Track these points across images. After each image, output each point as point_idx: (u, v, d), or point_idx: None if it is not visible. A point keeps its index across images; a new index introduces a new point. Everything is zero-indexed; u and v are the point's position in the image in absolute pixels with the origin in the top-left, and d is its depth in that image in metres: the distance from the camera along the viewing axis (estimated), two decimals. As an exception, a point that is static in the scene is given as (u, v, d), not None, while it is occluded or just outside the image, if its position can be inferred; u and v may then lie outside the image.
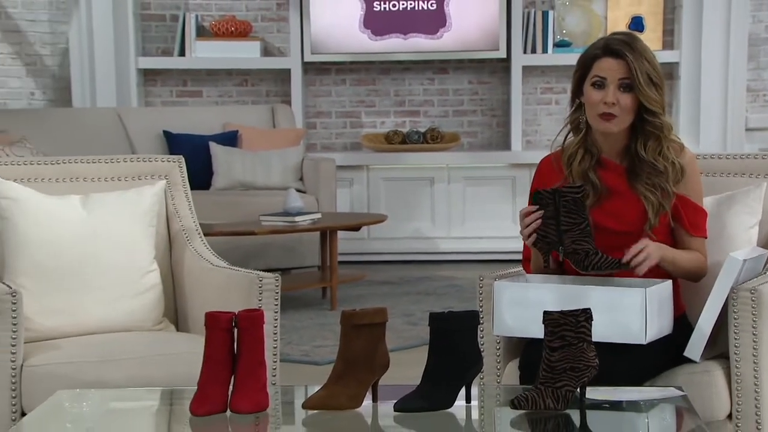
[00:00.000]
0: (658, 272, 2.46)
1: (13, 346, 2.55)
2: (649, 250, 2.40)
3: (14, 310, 2.55)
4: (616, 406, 2.16)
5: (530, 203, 2.45)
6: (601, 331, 2.27)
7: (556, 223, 2.41)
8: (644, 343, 2.34)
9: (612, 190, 2.51)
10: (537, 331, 2.19)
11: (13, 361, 2.55)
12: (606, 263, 2.39)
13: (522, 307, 2.40)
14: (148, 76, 7.06)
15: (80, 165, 3.02)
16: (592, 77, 2.48)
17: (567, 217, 2.39)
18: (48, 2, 6.84)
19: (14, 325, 2.55)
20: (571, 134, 2.58)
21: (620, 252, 2.44)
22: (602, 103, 2.46)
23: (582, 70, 2.51)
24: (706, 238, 2.54)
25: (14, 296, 2.57)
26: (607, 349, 2.27)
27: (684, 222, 2.51)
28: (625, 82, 2.45)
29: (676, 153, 2.51)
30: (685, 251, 2.51)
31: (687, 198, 2.51)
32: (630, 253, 2.40)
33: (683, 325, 2.51)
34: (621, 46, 2.46)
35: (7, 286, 2.62)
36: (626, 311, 2.33)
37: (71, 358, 2.60)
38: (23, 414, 2.54)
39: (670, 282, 2.45)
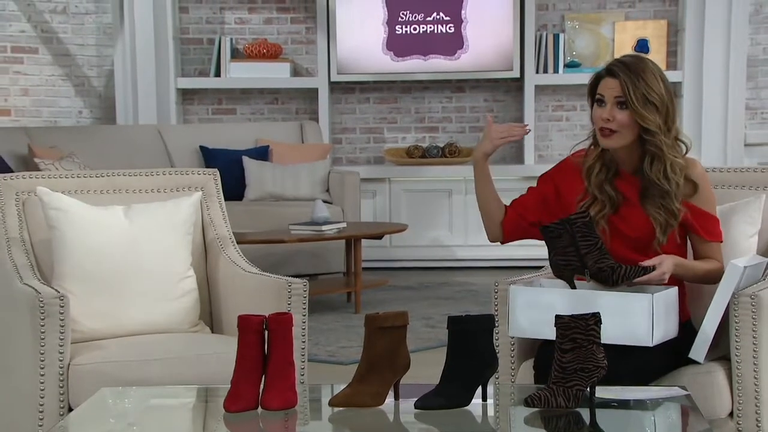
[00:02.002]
0: (672, 280, 2.45)
1: (61, 346, 2.55)
2: (664, 268, 2.40)
3: (62, 313, 2.56)
4: (623, 404, 2.14)
5: (543, 237, 2.43)
6: (610, 333, 2.25)
7: (575, 249, 2.39)
8: (651, 345, 2.32)
9: (627, 199, 2.51)
10: (549, 332, 2.18)
11: (61, 360, 2.55)
12: (633, 272, 2.37)
13: (535, 310, 2.38)
14: (186, 95, 7.08)
15: (123, 178, 3.03)
16: (596, 96, 2.49)
17: (583, 240, 2.38)
18: (95, 28, 6.89)
19: (62, 326, 2.56)
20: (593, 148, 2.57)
21: (634, 253, 2.44)
22: (601, 119, 2.46)
23: (591, 90, 2.51)
24: (721, 242, 2.52)
25: (62, 300, 2.57)
26: (616, 351, 2.26)
27: (697, 229, 2.50)
28: (620, 99, 2.45)
29: (685, 170, 2.49)
30: (698, 261, 2.50)
31: (699, 208, 2.49)
32: (650, 261, 2.40)
33: (688, 329, 2.48)
34: (618, 66, 2.46)
35: (56, 290, 2.62)
36: (634, 315, 2.31)
37: (114, 358, 2.60)
38: (70, 409, 2.54)
39: (676, 288, 2.43)
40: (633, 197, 2.50)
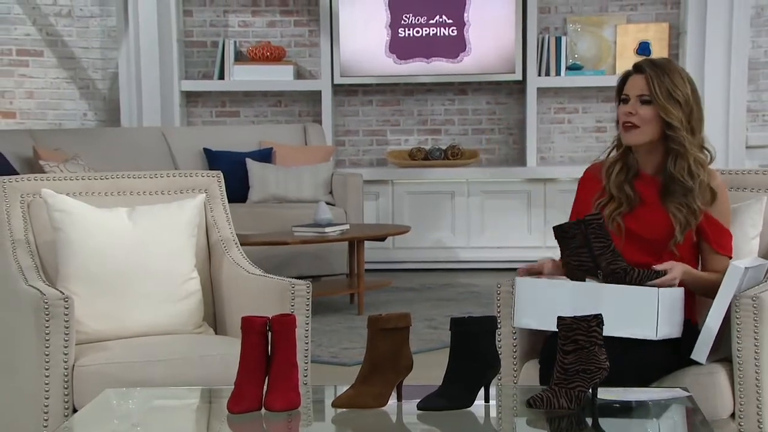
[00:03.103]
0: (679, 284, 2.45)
1: (66, 347, 2.56)
2: (675, 273, 2.40)
3: (66, 315, 2.56)
4: (626, 405, 2.14)
5: (555, 237, 2.43)
6: (615, 326, 2.25)
7: (588, 250, 2.38)
8: (655, 338, 2.32)
9: (645, 201, 2.52)
10: (554, 324, 2.17)
11: (65, 362, 2.55)
12: (645, 275, 2.37)
13: (541, 301, 2.38)
14: (190, 97, 7.09)
15: (127, 180, 3.03)
16: (621, 95, 2.52)
17: (597, 242, 2.38)
18: (100, 31, 6.90)
19: (66, 328, 2.56)
20: (615, 151, 2.58)
21: (647, 256, 2.45)
22: (623, 113, 2.50)
23: (618, 92, 2.54)
24: (731, 257, 2.52)
25: (66, 301, 2.57)
26: (619, 346, 2.26)
27: (710, 240, 2.50)
28: (644, 97, 2.48)
29: (709, 175, 2.50)
30: (704, 272, 2.51)
31: (714, 218, 2.50)
32: (661, 266, 2.40)
33: (691, 333, 2.48)
34: (645, 62, 2.51)
35: (60, 291, 2.63)
36: (640, 308, 2.31)
37: (118, 359, 2.60)
38: (74, 410, 2.54)
39: (682, 288, 2.43)
40: (651, 199, 2.51)
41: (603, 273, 2.38)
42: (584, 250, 2.38)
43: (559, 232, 2.41)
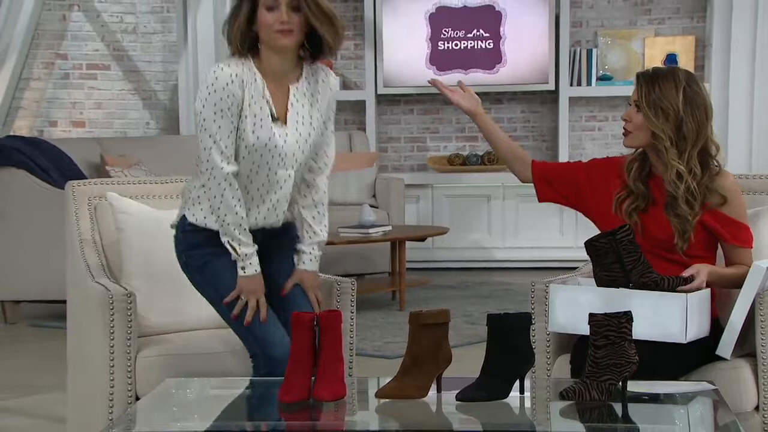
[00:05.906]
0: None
1: (128, 339, 2.58)
2: (702, 278, 2.36)
3: (129, 309, 2.58)
4: (654, 398, 2.11)
5: (588, 253, 2.39)
6: (645, 331, 2.22)
7: (620, 265, 2.35)
8: (685, 342, 2.28)
9: (657, 202, 2.48)
10: (586, 328, 2.15)
11: (128, 353, 2.58)
12: (675, 283, 2.33)
13: (573, 307, 2.36)
14: (244, 108, 7.12)
15: (185, 184, 3.04)
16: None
17: (628, 257, 2.34)
18: (162, 46, 6.98)
19: (129, 321, 2.58)
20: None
21: (663, 252, 2.42)
22: (622, 119, 2.50)
23: None
24: (751, 248, 2.47)
25: (129, 297, 2.59)
26: (649, 346, 2.23)
27: (726, 236, 2.46)
28: (638, 103, 2.45)
29: (721, 177, 2.44)
30: (730, 267, 2.46)
31: (727, 215, 2.44)
32: (688, 272, 2.37)
33: (715, 327, 2.44)
34: (644, 71, 2.49)
35: (124, 288, 2.65)
36: (669, 313, 2.28)
37: (177, 351, 2.62)
38: (137, 398, 2.56)
39: (708, 289, 2.39)
40: (660, 200, 2.47)
41: (635, 285, 2.34)
42: (616, 265, 2.35)
43: (593, 248, 2.38)
